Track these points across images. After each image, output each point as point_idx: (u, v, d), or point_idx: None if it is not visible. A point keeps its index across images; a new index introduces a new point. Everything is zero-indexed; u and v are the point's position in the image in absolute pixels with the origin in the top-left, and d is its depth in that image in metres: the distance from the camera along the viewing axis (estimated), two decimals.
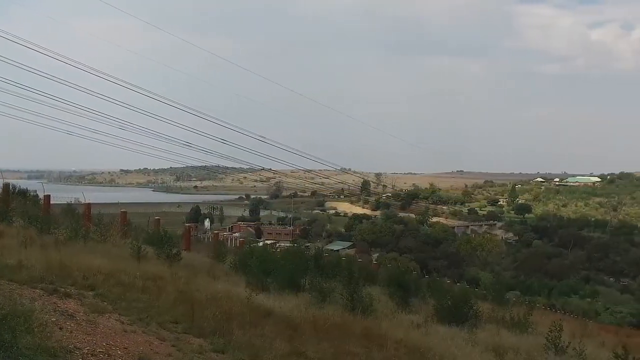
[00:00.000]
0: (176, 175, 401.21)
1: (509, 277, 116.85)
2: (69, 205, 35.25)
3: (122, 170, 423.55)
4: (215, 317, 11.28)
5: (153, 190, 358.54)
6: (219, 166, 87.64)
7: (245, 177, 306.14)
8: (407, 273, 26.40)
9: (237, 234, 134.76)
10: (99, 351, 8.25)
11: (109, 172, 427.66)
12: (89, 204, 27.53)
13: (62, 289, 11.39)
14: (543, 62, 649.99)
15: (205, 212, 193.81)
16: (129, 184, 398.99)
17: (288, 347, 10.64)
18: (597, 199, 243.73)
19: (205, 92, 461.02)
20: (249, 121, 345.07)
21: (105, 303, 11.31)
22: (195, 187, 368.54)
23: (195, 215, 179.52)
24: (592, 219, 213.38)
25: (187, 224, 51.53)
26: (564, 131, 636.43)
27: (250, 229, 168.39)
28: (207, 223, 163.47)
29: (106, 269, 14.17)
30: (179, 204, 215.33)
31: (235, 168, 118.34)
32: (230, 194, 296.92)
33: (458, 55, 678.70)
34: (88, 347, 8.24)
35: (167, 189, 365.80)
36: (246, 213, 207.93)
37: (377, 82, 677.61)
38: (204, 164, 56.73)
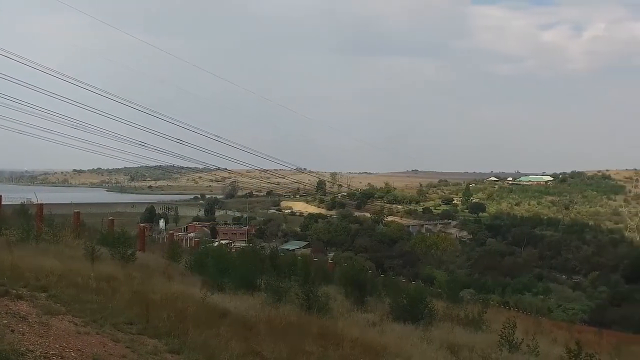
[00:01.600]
0: (130, 175, 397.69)
1: (464, 275, 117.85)
2: (21, 205, 34.84)
3: (75, 170, 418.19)
4: (170, 318, 11.22)
5: (107, 191, 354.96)
6: (173, 166, 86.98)
7: (201, 177, 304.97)
8: (362, 272, 26.51)
9: (192, 234, 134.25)
10: (52, 353, 8.16)
11: (62, 172, 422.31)
12: (41, 204, 27.15)
13: (14, 291, 11.22)
14: (496, 63, 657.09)
15: (160, 212, 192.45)
16: (82, 184, 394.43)
17: (244, 347, 10.62)
18: (550, 198, 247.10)
19: (159, 91, 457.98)
20: (203, 120, 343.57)
21: (58, 304, 11.17)
22: (150, 187, 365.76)
23: (150, 215, 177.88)
24: (545, 217, 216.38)
25: (141, 224, 51.17)
26: (517, 131, 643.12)
27: (206, 229, 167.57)
28: (161, 223, 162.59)
29: (59, 270, 14.01)
30: (133, 204, 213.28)
31: (190, 168, 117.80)
32: (185, 194, 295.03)
33: (413, 55, 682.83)
34: (41, 350, 8.14)
35: (121, 189, 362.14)
36: (201, 213, 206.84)
37: (332, 82, 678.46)
38: (159, 164, 56.15)
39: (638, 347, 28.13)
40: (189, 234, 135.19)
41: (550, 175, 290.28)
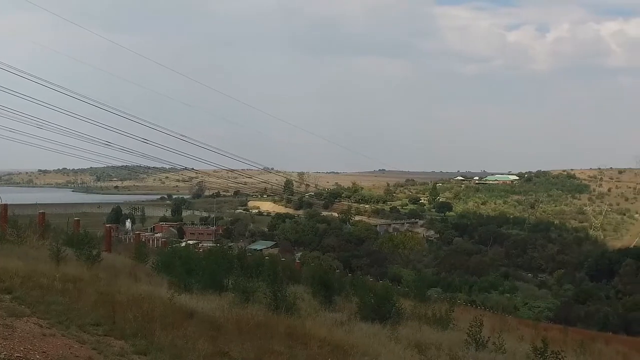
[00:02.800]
0: (96, 176, 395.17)
1: (431, 274, 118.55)
2: None
3: (40, 170, 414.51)
4: (137, 319, 11.14)
5: (73, 191, 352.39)
6: (140, 166, 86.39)
7: (167, 177, 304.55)
8: (330, 271, 26.56)
9: (159, 235, 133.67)
10: (17, 356, 8.07)
11: (27, 173, 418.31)
12: (6, 205, 26.84)
13: None
14: (462, 63, 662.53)
15: (127, 212, 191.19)
16: (47, 184, 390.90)
17: (211, 347, 10.57)
18: (515, 197, 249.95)
19: (124, 90, 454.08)
20: (170, 120, 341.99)
21: (23, 306, 11.06)
22: (116, 187, 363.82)
23: (116, 215, 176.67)
24: (511, 216, 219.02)
25: (107, 225, 50.75)
26: (483, 130, 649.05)
27: (173, 229, 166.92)
28: (128, 224, 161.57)
29: (24, 272, 13.88)
30: (99, 205, 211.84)
31: (157, 168, 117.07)
32: (152, 194, 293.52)
33: (379, 56, 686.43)
34: (5, 352, 8.05)
35: (87, 190, 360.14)
36: (168, 213, 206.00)
37: (299, 82, 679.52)
38: (125, 164, 55.66)
39: (602, 345, 28.47)
40: (155, 235, 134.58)
41: (516, 175, 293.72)
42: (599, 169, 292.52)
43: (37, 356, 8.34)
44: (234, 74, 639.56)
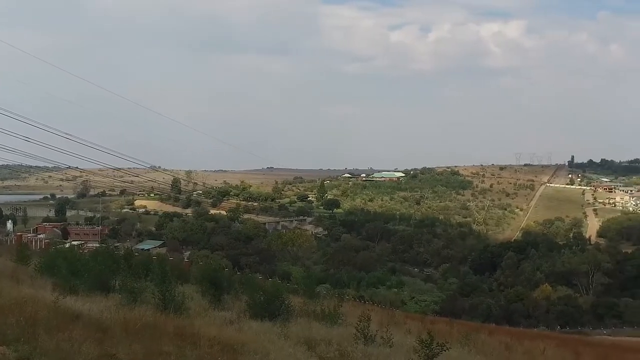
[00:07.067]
0: None
1: (320, 270, 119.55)
2: None
3: None
4: (19, 323, 10.84)
5: None
6: (22, 165, 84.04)
7: (51, 176, 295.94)
8: (219, 270, 26.46)
9: (42, 236, 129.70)
10: None
11: None
12: None
13: None
14: (346, 62, 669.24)
15: (8, 213, 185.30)
16: None
17: (98, 350, 10.39)
18: (402, 194, 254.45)
19: (5, 87, 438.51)
20: (53, 118, 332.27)
21: None
22: None
23: None
24: (397, 212, 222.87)
25: None
26: (369, 129, 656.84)
27: (57, 230, 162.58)
28: (9, 225, 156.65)
29: None
30: None
31: (39, 167, 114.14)
32: (35, 194, 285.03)
33: (266, 54, 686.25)
34: None
35: None
36: (52, 213, 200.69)
37: (184, 80, 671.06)
38: (6, 163, 54.00)
39: (486, 335, 29.32)
40: (38, 236, 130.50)
41: (402, 172, 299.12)
42: (481, 165, 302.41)
43: None
44: (120, 72, 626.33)
